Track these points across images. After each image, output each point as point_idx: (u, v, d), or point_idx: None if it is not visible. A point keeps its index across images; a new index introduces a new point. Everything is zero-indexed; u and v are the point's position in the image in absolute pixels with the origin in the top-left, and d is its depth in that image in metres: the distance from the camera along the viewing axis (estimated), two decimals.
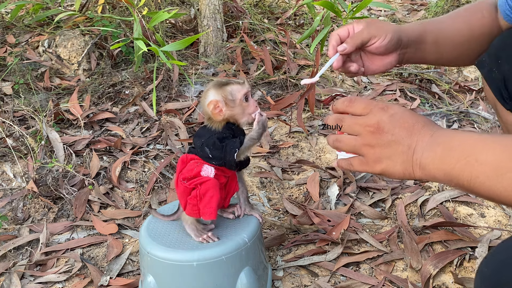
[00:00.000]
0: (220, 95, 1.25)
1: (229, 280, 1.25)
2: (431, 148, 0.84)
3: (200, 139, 1.28)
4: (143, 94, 2.48)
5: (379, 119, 0.89)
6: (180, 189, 1.27)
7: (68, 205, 1.81)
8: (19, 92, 2.41)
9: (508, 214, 1.70)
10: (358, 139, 0.92)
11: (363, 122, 0.91)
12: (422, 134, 0.86)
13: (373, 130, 0.89)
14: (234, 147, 1.24)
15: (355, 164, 0.94)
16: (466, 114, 2.39)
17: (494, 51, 1.18)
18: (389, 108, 0.90)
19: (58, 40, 2.72)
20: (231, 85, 1.26)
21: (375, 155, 0.90)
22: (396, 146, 0.87)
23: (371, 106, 0.91)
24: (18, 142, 2.05)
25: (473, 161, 0.78)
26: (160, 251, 1.24)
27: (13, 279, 1.49)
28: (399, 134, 0.87)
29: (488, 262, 0.83)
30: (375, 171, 0.92)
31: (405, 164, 0.87)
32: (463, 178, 0.80)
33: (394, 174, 0.89)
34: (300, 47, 2.95)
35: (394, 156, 0.88)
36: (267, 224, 1.69)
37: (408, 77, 2.73)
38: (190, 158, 1.30)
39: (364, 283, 1.43)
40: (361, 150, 0.92)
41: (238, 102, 1.26)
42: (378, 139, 0.89)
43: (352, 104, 0.94)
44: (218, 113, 1.24)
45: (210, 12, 2.75)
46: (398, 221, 1.68)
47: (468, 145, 0.80)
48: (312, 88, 2.15)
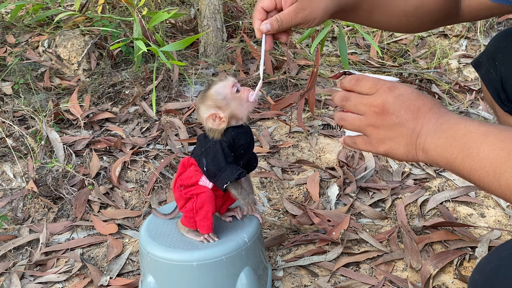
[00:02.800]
0: (209, 104, 1.19)
1: (229, 280, 1.25)
2: (435, 134, 0.83)
3: (200, 147, 1.23)
4: (143, 94, 2.48)
5: (384, 100, 0.87)
6: (177, 194, 1.26)
7: (68, 205, 1.81)
8: (19, 92, 2.41)
9: (508, 214, 1.70)
10: (363, 119, 0.91)
11: (368, 102, 0.89)
12: (427, 117, 0.85)
13: (378, 111, 0.88)
14: (229, 178, 1.18)
15: (359, 143, 0.94)
16: (466, 114, 2.39)
17: (490, 53, 1.17)
18: (396, 88, 0.88)
19: (58, 40, 2.72)
20: (212, 87, 1.20)
21: (378, 136, 0.89)
22: (401, 128, 0.87)
23: (378, 85, 0.89)
24: (18, 142, 2.05)
25: (474, 154, 0.78)
26: (160, 251, 1.24)
27: (13, 279, 1.49)
28: (404, 116, 0.86)
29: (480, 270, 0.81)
30: (378, 152, 0.91)
31: (408, 146, 0.87)
32: (463, 169, 0.80)
33: (397, 156, 0.89)
34: (300, 47, 2.95)
35: (398, 138, 0.87)
36: (267, 224, 1.69)
37: (408, 77, 2.73)
38: (191, 163, 1.26)
39: (364, 283, 1.43)
40: (366, 130, 0.91)
41: (230, 97, 1.19)
42: (383, 120, 0.88)
43: (359, 83, 0.92)
44: (220, 122, 1.19)
45: (210, 12, 2.75)
46: (398, 221, 1.68)
47: (471, 137, 0.80)
48: (312, 88, 2.15)
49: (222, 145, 1.20)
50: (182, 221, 1.28)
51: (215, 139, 1.21)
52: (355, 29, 3.10)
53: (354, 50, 3.05)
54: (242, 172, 1.21)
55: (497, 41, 1.16)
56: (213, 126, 1.19)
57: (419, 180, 1.91)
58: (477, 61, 1.22)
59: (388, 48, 3.08)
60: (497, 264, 0.78)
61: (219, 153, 1.19)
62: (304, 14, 1.05)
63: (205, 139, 1.24)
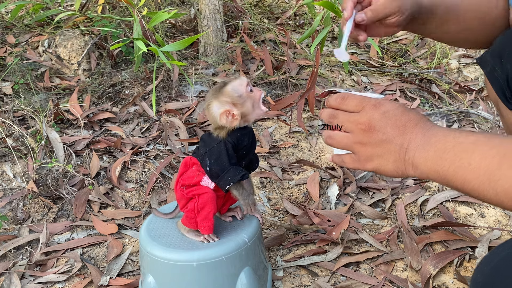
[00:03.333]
0: (224, 100, 1.18)
1: (229, 280, 1.25)
2: (424, 148, 0.83)
3: (205, 147, 1.23)
4: (143, 94, 2.48)
5: (370, 117, 0.88)
6: (178, 194, 1.26)
7: (68, 205, 1.81)
8: (19, 92, 2.41)
9: (508, 214, 1.70)
10: (350, 137, 0.91)
11: (354, 120, 0.89)
12: (414, 133, 0.85)
13: (365, 128, 0.88)
14: (232, 180, 1.19)
15: (347, 161, 0.94)
16: (466, 114, 2.39)
17: (497, 50, 1.16)
18: (381, 105, 0.88)
19: (58, 40, 2.72)
20: (228, 84, 1.20)
21: (366, 153, 0.89)
22: (388, 145, 0.87)
23: (363, 103, 0.90)
24: (18, 142, 2.05)
25: (466, 165, 0.77)
26: (160, 251, 1.24)
27: (13, 279, 1.49)
28: (390, 133, 0.86)
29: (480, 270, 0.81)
30: (366, 169, 0.91)
31: (396, 163, 0.86)
32: (456, 181, 0.79)
33: (386, 172, 0.89)
34: (300, 47, 2.95)
35: (386, 155, 0.87)
36: (267, 224, 1.69)
37: (408, 77, 2.73)
38: (193, 163, 1.25)
39: (364, 283, 1.43)
40: (353, 147, 0.91)
41: (245, 96, 1.19)
42: (370, 138, 0.88)
43: (345, 101, 0.92)
44: (233, 119, 1.18)
45: (210, 12, 2.75)
46: (398, 221, 1.68)
47: (461, 148, 0.79)
48: (312, 88, 2.15)
49: (227, 146, 1.20)
50: (183, 221, 1.28)
51: (220, 139, 1.20)
52: None
53: (354, 50, 3.05)
54: (245, 174, 1.21)
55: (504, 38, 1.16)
56: (226, 122, 1.18)
57: (419, 180, 1.91)
58: (483, 59, 1.22)
59: (388, 48, 3.08)
60: (497, 263, 0.78)
61: (223, 153, 1.19)
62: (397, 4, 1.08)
63: (209, 138, 1.23)
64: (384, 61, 2.91)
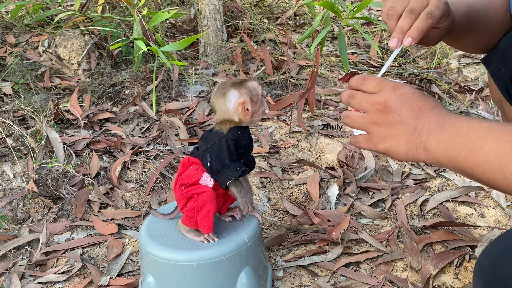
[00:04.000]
0: (245, 92, 1.20)
1: (229, 280, 1.25)
2: (437, 132, 0.84)
3: (205, 144, 1.23)
4: (143, 94, 2.48)
5: (387, 98, 0.89)
6: (178, 194, 1.26)
7: (68, 205, 1.81)
8: (19, 92, 2.41)
9: (508, 214, 1.70)
10: (366, 117, 0.92)
11: (371, 100, 0.91)
12: (429, 117, 0.86)
13: (380, 108, 0.89)
14: (233, 175, 1.20)
15: (360, 141, 0.95)
16: (466, 114, 2.39)
17: (501, 49, 1.17)
18: (399, 88, 0.90)
19: (58, 40, 2.72)
20: (248, 81, 1.22)
21: (379, 134, 0.90)
22: (401, 126, 0.87)
23: (382, 84, 0.91)
24: (18, 142, 2.05)
25: (478, 149, 0.78)
26: (160, 251, 1.24)
27: (13, 279, 1.49)
28: (405, 114, 0.87)
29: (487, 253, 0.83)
30: (378, 150, 0.92)
31: (408, 145, 0.87)
32: (466, 164, 0.80)
33: (397, 154, 0.89)
34: (300, 47, 2.95)
35: (398, 136, 0.88)
36: (267, 224, 1.69)
37: (408, 77, 2.73)
38: (191, 162, 1.26)
39: (364, 283, 1.43)
40: (368, 127, 0.92)
41: (260, 98, 1.22)
42: (384, 118, 0.89)
43: (365, 82, 0.94)
44: (245, 113, 1.20)
45: (210, 12, 2.75)
46: (398, 221, 1.68)
47: (474, 133, 0.80)
48: (312, 88, 2.15)
49: (228, 142, 1.21)
50: (183, 220, 1.28)
51: (221, 136, 1.21)
52: (355, 29, 3.10)
53: (354, 50, 3.05)
54: (245, 170, 1.22)
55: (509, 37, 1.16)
56: (239, 114, 1.20)
57: (419, 180, 1.91)
58: (487, 58, 1.23)
59: (388, 48, 3.08)
60: (503, 247, 0.79)
61: (224, 149, 1.20)
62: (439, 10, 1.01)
63: (209, 135, 1.24)
64: (384, 61, 2.91)
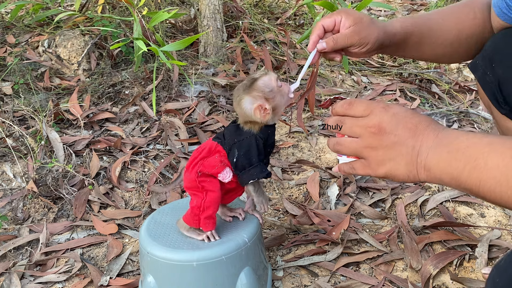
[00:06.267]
0: (256, 95, 1.18)
1: (229, 280, 1.25)
2: (436, 149, 0.80)
3: (233, 137, 1.21)
4: (143, 94, 2.48)
5: (380, 119, 0.85)
6: (191, 175, 1.22)
7: (68, 205, 1.81)
8: (19, 92, 2.41)
9: (508, 214, 1.70)
10: (359, 142, 0.88)
11: (364, 124, 0.87)
12: (426, 134, 0.83)
13: (375, 131, 0.85)
14: (257, 176, 1.19)
15: (357, 167, 0.91)
16: (466, 114, 2.39)
17: (487, 54, 1.16)
18: (390, 107, 0.87)
19: (58, 40, 2.72)
20: (259, 79, 1.20)
21: (377, 157, 0.86)
22: (400, 147, 0.84)
23: (371, 107, 0.88)
24: (18, 142, 2.05)
25: (482, 165, 0.75)
26: (160, 251, 1.24)
27: (13, 279, 1.49)
28: (402, 134, 0.84)
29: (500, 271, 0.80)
30: (378, 174, 0.88)
31: (409, 166, 0.83)
32: (471, 182, 0.76)
33: (398, 177, 0.86)
34: (300, 47, 2.95)
35: (398, 157, 0.84)
36: (267, 224, 1.69)
37: (408, 77, 2.73)
38: (217, 150, 1.23)
39: (364, 283, 1.43)
40: (363, 152, 0.88)
41: (276, 90, 1.20)
42: (380, 140, 0.85)
43: (352, 107, 0.90)
44: (265, 114, 1.18)
45: (210, 12, 2.75)
46: (398, 221, 1.68)
47: (475, 148, 0.77)
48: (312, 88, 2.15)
49: (258, 141, 1.20)
50: (185, 217, 1.27)
51: (251, 133, 1.20)
52: None
53: None
54: (269, 173, 1.22)
55: (494, 43, 1.15)
56: (260, 117, 1.18)
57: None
58: (474, 63, 1.21)
59: None
60: None
61: (253, 148, 1.19)
62: (359, 37, 1.12)
63: (237, 130, 1.22)
64: (384, 61, 2.91)
